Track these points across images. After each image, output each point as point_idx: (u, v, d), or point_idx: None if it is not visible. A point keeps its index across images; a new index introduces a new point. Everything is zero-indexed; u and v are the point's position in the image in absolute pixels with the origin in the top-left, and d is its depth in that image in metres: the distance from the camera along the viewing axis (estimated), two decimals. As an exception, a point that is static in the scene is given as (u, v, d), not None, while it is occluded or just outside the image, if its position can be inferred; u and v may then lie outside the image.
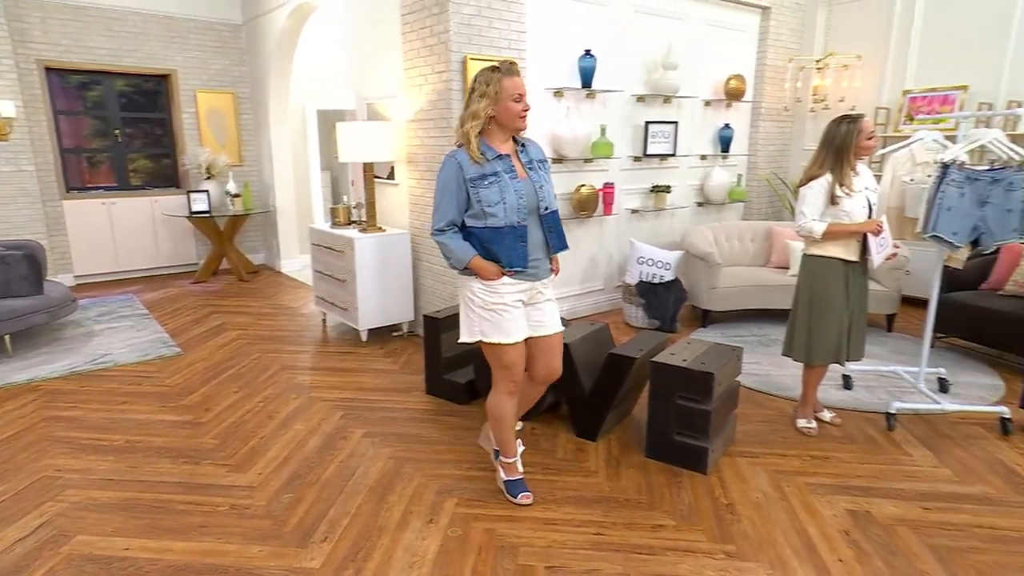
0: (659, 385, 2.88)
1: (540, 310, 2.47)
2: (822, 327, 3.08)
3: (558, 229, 2.43)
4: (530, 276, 2.39)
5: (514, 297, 2.38)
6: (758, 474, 2.84)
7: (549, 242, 2.41)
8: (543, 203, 2.36)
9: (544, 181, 2.38)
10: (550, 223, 2.39)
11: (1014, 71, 5.12)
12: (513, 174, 2.30)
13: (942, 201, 3.02)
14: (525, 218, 2.31)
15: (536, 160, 2.41)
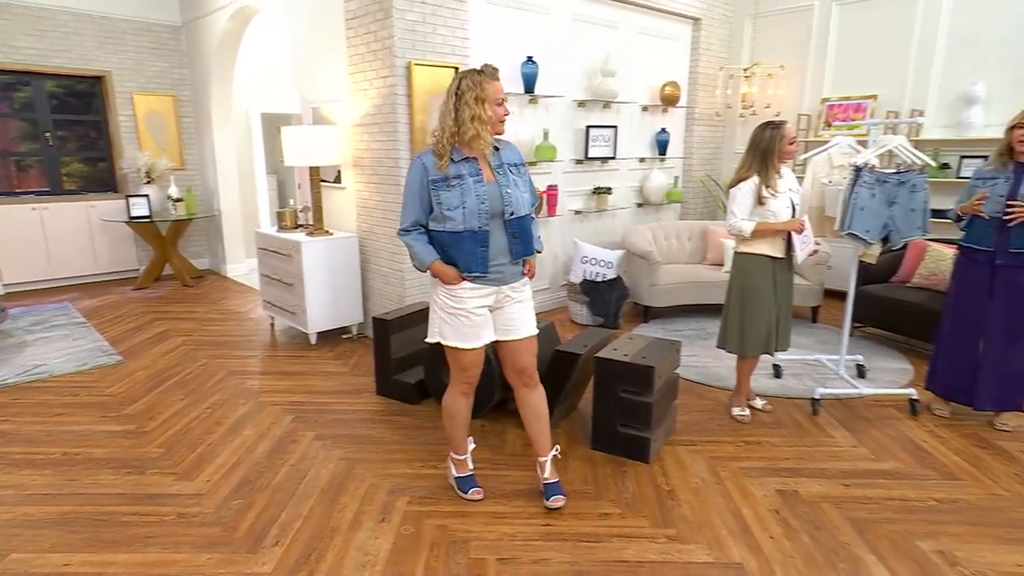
0: (603, 379, 2.94)
1: (509, 313, 2.42)
2: (753, 320, 3.21)
3: (525, 235, 2.35)
4: (493, 281, 2.34)
5: (477, 303, 2.35)
6: (697, 461, 2.93)
7: (512, 248, 2.33)
8: (508, 208, 2.28)
9: (513, 185, 2.30)
10: (515, 228, 2.31)
11: (916, 82, 5.46)
12: (479, 178, 2.25)
13: (856, 201, 3.20)
14: (487, 223, 2.26)
15: (509, 164, 2.34)
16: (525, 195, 2.36)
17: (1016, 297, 3.08)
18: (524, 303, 2.47)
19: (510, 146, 2.41)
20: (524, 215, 2.34)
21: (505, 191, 2.28)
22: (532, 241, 2.40)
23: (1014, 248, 3.03)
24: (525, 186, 2.38)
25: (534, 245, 2.42)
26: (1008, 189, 3.04)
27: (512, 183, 2.31)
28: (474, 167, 2.27)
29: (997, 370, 3.16)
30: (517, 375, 2.53)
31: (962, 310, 3.25)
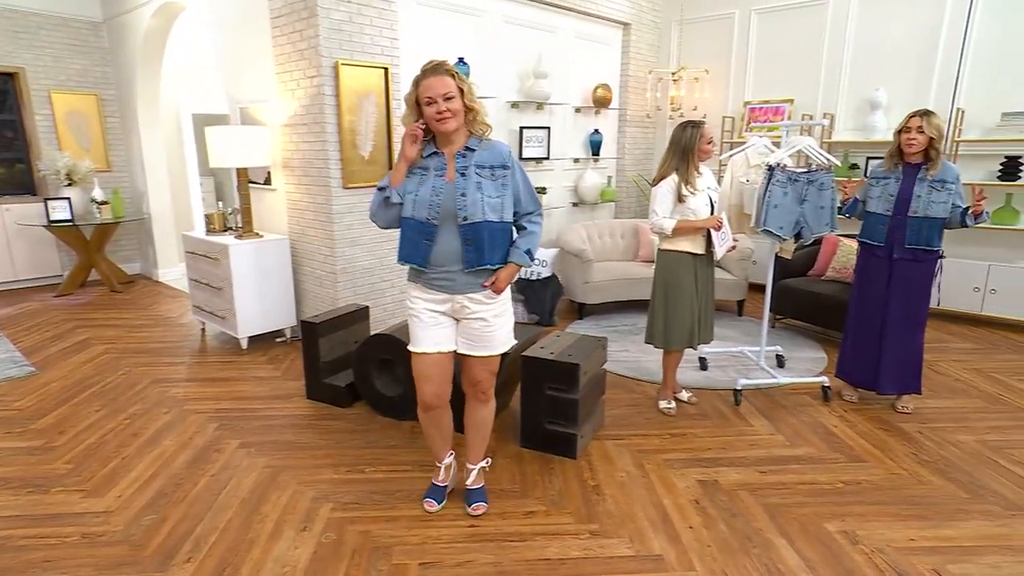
0: (529, 377, 2.90)
1: (469, 328, 2.27)
2: (676, 315, 3.23)
3: (479, 243, 2.13)
4: (444, 287, 2.21)
5: (425, 307, 2.24)
6: (623, 455, 2.93)
7: (465, 255, 2.15)
8: (462, 212, 2.10)
9: (473, 189, 2.11)
10: (469, 235, 2.12)
11: (827, 88, 5.66)
12: (441, 172, 2.13)
13: (769, 199, 3.26)
14: (436, 217, 2.12)
15: (482, 166, 2.15)
16: (494, 199, 2.14)
17: (912, 289, 3.21)
18: (488, 321, 2.25)
19: (493, 147, 2.19)
20: (480, 221, 2.12)
21: (460, 193, 2.11)
22: (488, 251, 2.16)
23: (910, 244, 3.15)
24: (499, 190, 2.16)
25: (497, 255, 2.19)
26: (898, 188, 3.16)
27: (475, 186, 2.12)
28: (440, 162, 2.16)
29: (897, 357, 3.29)
30: (470, 387, 2.42)
31: (864, 302, 3.36)
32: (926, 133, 3.07)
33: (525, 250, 2.29)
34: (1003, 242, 5.02)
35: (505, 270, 2.24)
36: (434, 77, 2.10)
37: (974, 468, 2.78)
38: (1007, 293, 4.79)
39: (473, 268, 2.19)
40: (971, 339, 4.63)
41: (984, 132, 4.97)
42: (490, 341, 2.30)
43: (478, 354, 2.31)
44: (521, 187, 2.28)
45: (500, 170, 2.20)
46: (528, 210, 2.33)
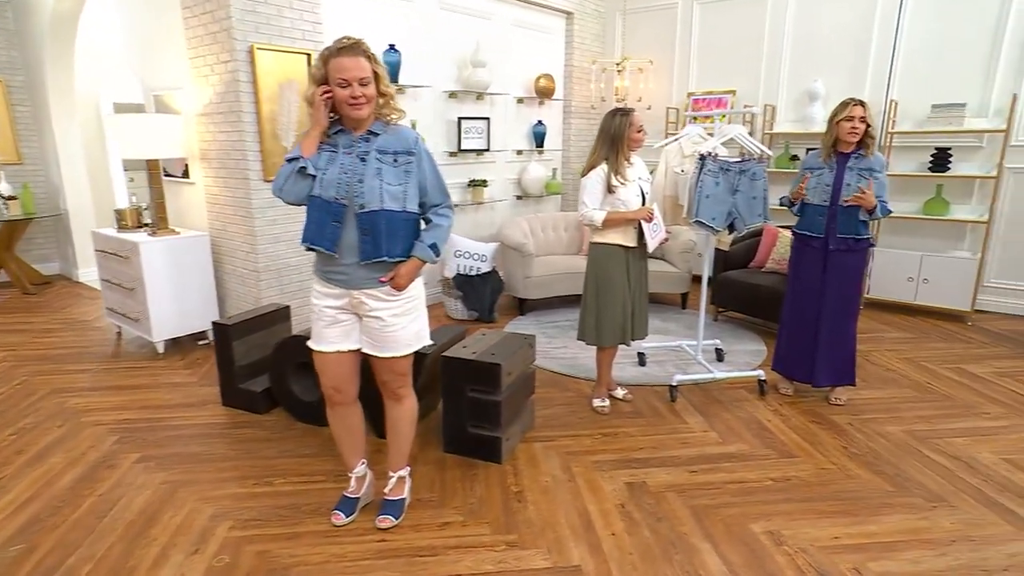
0: (451, 379, 2.75)
1: (368, 327, 2.13)
2: (608, 311, 3.13)
3: (376, 233, 1.98)
4: (340, 282, 2.06)
5: (325, 303, 2.09)
6: (551, 457, 2.81)
7: (362, 247, 2.00)
8: (358, 199, 1.96)
9: (374, 175, 1.97)
10: (366, 224, 1.98)
11: (768, 79, 5.67)
12: (350, 150, 2.00)
13: (701, 189, 3.19)
14: (345, 197, 1.97)
15: (384, 151, 2.01)
16: (395, 187, 2.00)
17: (846, 279, 3.18)
18: (386, 321, 2.10)
19: (399, 132, 2.06)
20: (378, 210, 1.98)
21: (358, 179, 1.96)
22: (387, 242, 2.01)
23: (842, 233, 3.12)
24: (401, 178, 2.02)
25: (396, 248, 2.04)
26: (833, 178, 3.12)
27: (374, 172, 1.98)
28: (349, 140, 2.02)
29: (832, 349, 3.26)
30: (380, 386, 2.29)
31: (800, 293, 3.32)
32: (867, 122, 3.04)
33: (430, 244, 2.15)
34: (935, 233, 5.11)
35: (406, 265, 2.09)
36: (349, 57, 1.94)
37: (900, 459, 2.77)
38: (939, 282, 4.87)
39: (370, 260, 2.03)
40: (904, 328, 4.69)
41: (916, 124, 5.03)
42: (389, 342, 2.15)
43: (378, 355, 2.17)
44: (428, 176, 2.15)
45: (404, 156, 2.06)
46: (436, 201, 2.20)
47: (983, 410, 3.27)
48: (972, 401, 3.38)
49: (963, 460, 2.76)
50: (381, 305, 2.10)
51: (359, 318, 2.15)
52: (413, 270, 2.11)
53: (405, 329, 2.16)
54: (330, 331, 2.12)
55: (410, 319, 2.18)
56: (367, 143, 2.02)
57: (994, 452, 2.83)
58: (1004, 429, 3.05)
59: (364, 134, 2.03)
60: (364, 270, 2.05)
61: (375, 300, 2.09)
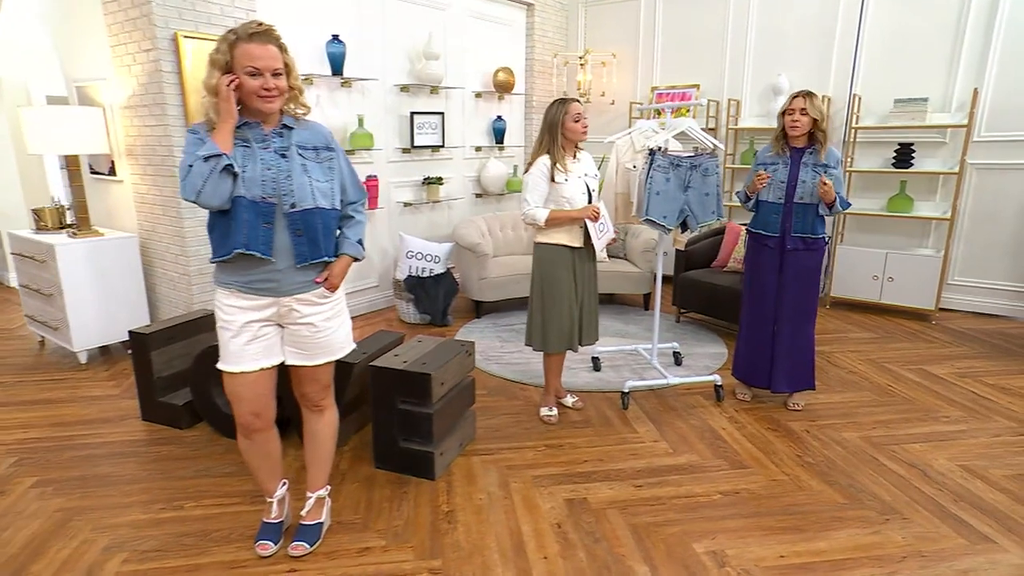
0: (380, 390, 2.59)
1: (295, 335, 1.97)
2: (554, 314, 2.99)
3: (313, 233, 1.88)
4: (266, 290, 1.88)
5: (243, 317, 1.89)
6: (489, 472, 2.66)
7: (295, 249, 1.87)
8: (289, 198, 1.82)
9: (299, 172, 1.84)
10: (299, 224, 1.85)
11: (732, 73, 5.60)
12: (265, 145, 1.83)
13: (651, 186, 3.06)
14: (272, 195, 1.81)
15: (305, 147, 1.88)
16: (323, 184, 1.90)
17: (803, 279, 3.09)
18: (317, 326, 1.98)
19: (312, 127, 1.94)
20: (312, 208, 1.86)
21: (284, 176, 1.82)
22: (325, 241, 1.92)
23: (797, 232, 3.02)
24: (327, 174, 1.92)
25: (332, 247, 1.96)
26: (787, 174, 3.03)
27: (300, 169, 1.85)
28: (260, 134, 1.83)
29: (790, 353, 3.17)
30: (300, 397, 2.14)
31: (757, 295, 3.22)
32: (809, 114, 2.94)
33: (357, 240, 2.07)
34: (899, 230, 5.08)
35: (339, 264, 2.00)
36: (260, 45, 1.79)
37: (855, 469, 2.67)
38: (903, 281, 4.82)
39: (307, 263, 1.90)
40: (869, 328, 4.64)
41: (880, 119, 4.99)
42: (322, 348, 2.03)
43: (309, 363, 2.03)
44: (346, 173, 2.06)
45: (325, 152, 1.95)
46: (353, 199, 2.10)
47: (942, 414, 3.20)
48: (932, 404, 3.31)
49: (919, 468, 2.67)
50: (313, 310, 1.98)
51: (281, 328, 1.99)
52: (345, 269, 2.03)
53: (336, 333, 2.06)
54: (251, 347, 1.93)
55: (340, 322, 2.08)
56: (283, 138, 1.88)
57: (950, 459, 2.75)
58: (962, 434, 2.98)
59: (277, 128, 1.88)
60: (297, 273, 1.91)
61: (307, 305, 1.96)
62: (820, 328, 4.59)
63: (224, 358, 1.94)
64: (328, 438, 2.19)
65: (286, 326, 1.98)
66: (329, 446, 2.20)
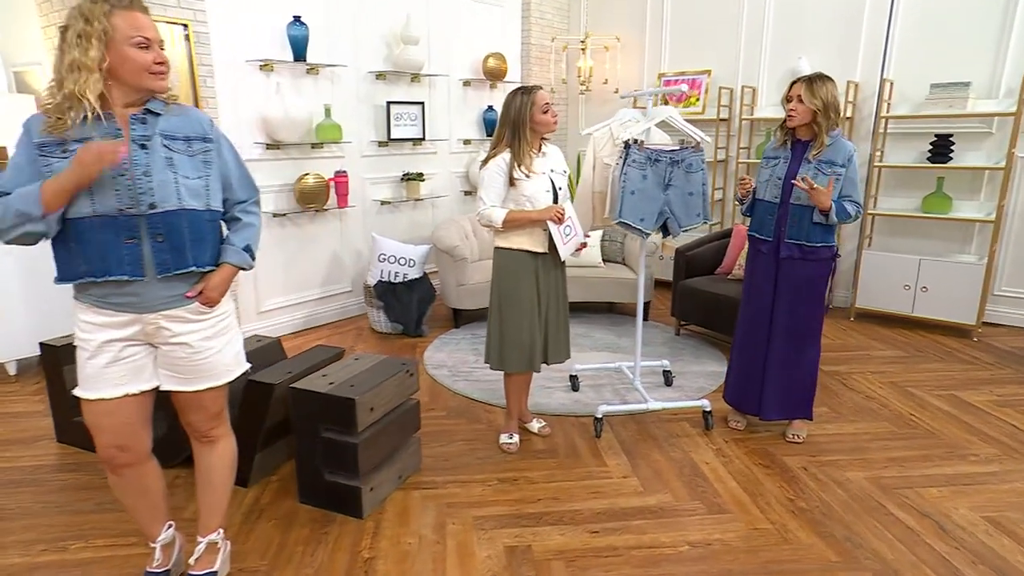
0: (302, 415, 2.41)
1: (168, 356, 1.79)
2: (512, 330, 2.78)
3: (177, 239, 1.69)
4: (122, 306, 1.70)
5: (108, 337, 1.71)
6: (428, 510, 2.46)
7: (156, 257, 1.68)
8: (147, 198, 1.63)
9: (162, 166, 1.66)
10: (160, 228, 1.66)
11: (748, 58, 5.30)
12: (115, 136, 1.64)
13: (625, 184, 2.83)
14: (131, 206, 1.63)
15: (172, 136, 1.70)
16: (193, 181, 1.72)
17: (799, 294, 2.81)
18: (194, 347, 1.79)
19: (186, 113, 1.76)
20: (176, 210, 1.68)
21: (141, 172, 1.64)
22: (193, 248, 1.73)
23: (791, 239, 2.75)
24: (200, 169, 1.74)
25: (206, 255, 1.77)
26: (786, 171, 2.77)
27: (164, 162, 1.66)
28: (110, 128, 1.63)
29: (782, 377, 2.90)
30: (185, 426, 1.97)
31: (751, 308, 2.96)
32: (806, 104, 2.67)
33: (243, 247, 1.87)
34: (935, 233, 4.73)
35: (218, 274, 1.81)
36: (143, 13, 1.64)
37: (856, 518, 2.39)
38: (940, 291, 4.48)
39: (170, 274, 1.71)
40: (898, 345, 4.31)
41: (914, 107, 4.65)
42: (202, 372, 1.83)
43: (187, 389, 1.84)
44: (232, 168, 1.87)
45: (199, 143, 1.76)
46: (241, 198, 1.92)
47: (971, 451, 2.89)
48: (960, 439, 3.00)
49: (934, 519, 2.38)
50: (188, 328, 1.78)
51: (153, 348, 1.81)
52: (226, 280, 1.83)
53: (221, 353, 1.86)
54: (112, 371, 1.75)
55: (226, 340, 1.88)
56: (144, 125, 1.67)
57: (974, 508, 2.45)
58: (992, 477, 2.67)
59: (138, 113, 1.68)
60: (161, 286, 1.71)
61: (179, 323, 1.77)
62: (840, 344, 4.29)
63: (81, 382, 1.76)
64: (221, 474, 2.01)
65: (158, 346, 1.79)
66: (223, 483, 2.02)
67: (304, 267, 4.59)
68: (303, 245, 4.55)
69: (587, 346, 4.26)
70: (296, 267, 4.53)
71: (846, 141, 2.75)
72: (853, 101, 4.85)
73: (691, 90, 5.53)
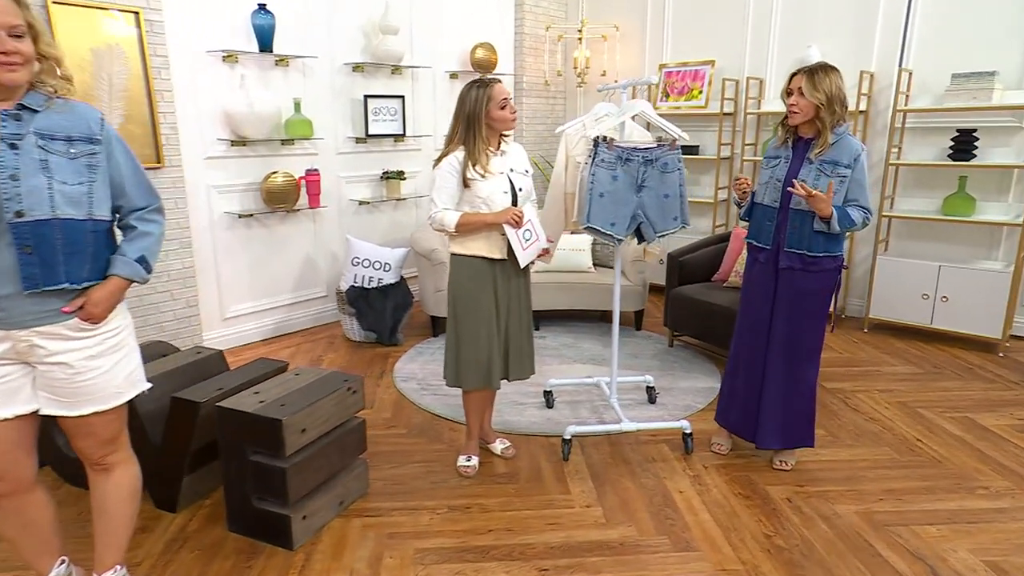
0: (228, 436, 2.31)
1: (48, 376, 1.69)
2: (468, 343, 2.66)
3: (49, 252, 1.59)
4: None
5: None
6: (367, 541, 2.35)
7: (22, 270, 1.57)
8: (12, 204, 1.53)
9: (34, 170, 1.56)
10: (27, 239, 1.56)
11: (755, 47, 5.13)
12: None
13: (594, 185, 2.69)
14: None
15: (50, 136, 1.60)
16: (72, 187, 1.62)
17: (798, 309, 2.65)
18: (74, 367, 1.69)
19: (73, 110, 1.66)
20: (48, 219, 1.57)
21: (7, 176, 1.54)
22: (67, 262, 1.62)
23: (790, 247, 2.60)
24: (81, 173, 1.64)
25: (85, 270, 1.66)
26: (786, 172, 2.62)
27: (37, 166, 1.56)
28: None
29: (781, 398, 2.73)
30: (77, 452, 1.87)
31: (748, 321, 2.81)
32: (808, 98, 2.52)
33: (137, 258, 1.77)
34: (957, 238, 4.52)
35: (103, 287, 1.71)
36: None
37: (839, 559, 2.24)
38: (962, 301, 4.27)
39: (38, 290, 1.60)
40: (911, 360, 4.11)
41: (935, 99, 4.45)
42: (85, 394, 1.73)
43: (68, 414, 1.74)
44: (126, 172, 1.77)
45: (84, 144, 1.66)
46: (138, 205, 1.82)
47: (980, 483, 2.71)
48: (969, 469, 2.82)
49: (927, 562, 2.22)
50: (67, 346, 1.68)
51: (31, 367, 1.72)
52: (114, 294, 1.73)
53: (109, 373, 1.75)
54: None
55: (115, 359, 1.77)
56: (18, 123, 1.58)
57: (976, 550, 2.28)
58: (1000, 514, 2.49)
59: (10, 109, 1.58)
60: (31, 302, 1.61)
61: (56, 340, 1.67)
62: (847, 359, 4.12)
63: None
64: (118, 505, 1.91)
65: (35, 365, 1.70)
66: (120, 515, 1.92)
67: (274, 270, 4.52)
68: (273, 247, 4.48)
69: (572, 358, 4.13)
70: (265, 270, 4.46)
71: (853, 139, 2.58)
72: (868, 93, 4.66)
73: (693, 82, 5.37)
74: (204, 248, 4.10)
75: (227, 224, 4.21)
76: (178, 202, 3.85)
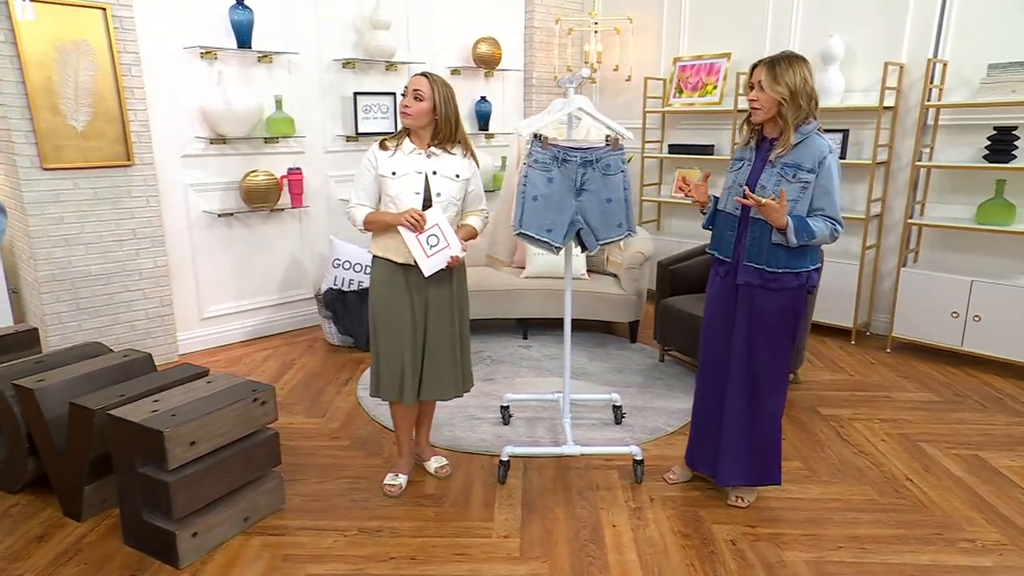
0: (119, 446, 2.27)
1: None
2: (384, 351, 2.55)
3: None
4: None
5: None
6: (258, 563, 2.26)
7: None
8: None
9: None
10: None
11: (776, 39, 4.79)
12: None
13: (526, 188, 2.51)
14: None
15: None
16: None
17: (757, 328, 2.40)
18: None
19: None
20: None
21: None
22: None
23: (748, 261, 2.36)
24: None
25: None
26: (747, 176, 2.38)
27: None
28: None
29: (738, 431, 2.49)
30: None
31: (707, 345, 2.59)
32: (767, 92, 2.28)
33: None
34: (993, 249, 4.07)
35: None
36: None
37: (767, 617, 1.99)
38: (996, 321, 3.84)
39: None
40: (932, 386, 3.72)
41: (969, 93, 4.03)
42: None
43: None
44: None
45: None
46: None
47: (966, 534, 2.38)
48: (958, 517, 2.49)
49: (869, 628, 1.94)
50: None
51: None
52: None
53: None
54: None
55: None
56: None
57: (934, 617, 1.98)
58: (979, 574, 2.17)
59: None
60: None
61: None
62: (856, 382, 3.79)
63: None
64: None
65: None
66: None
67: (257, 271, 4.52)
68: (255, 247, 4.48)
69: (551, 371, 3.95)
70: (246, 271, 4.46)
71: (822, 139, 2.32)
72: (897, 87, 4.27)
73: (708, 77, 5.07)
74: (180, 247, 4.13)
75: (206, 223, 4.23)
76: (150, 200, 3.88)
